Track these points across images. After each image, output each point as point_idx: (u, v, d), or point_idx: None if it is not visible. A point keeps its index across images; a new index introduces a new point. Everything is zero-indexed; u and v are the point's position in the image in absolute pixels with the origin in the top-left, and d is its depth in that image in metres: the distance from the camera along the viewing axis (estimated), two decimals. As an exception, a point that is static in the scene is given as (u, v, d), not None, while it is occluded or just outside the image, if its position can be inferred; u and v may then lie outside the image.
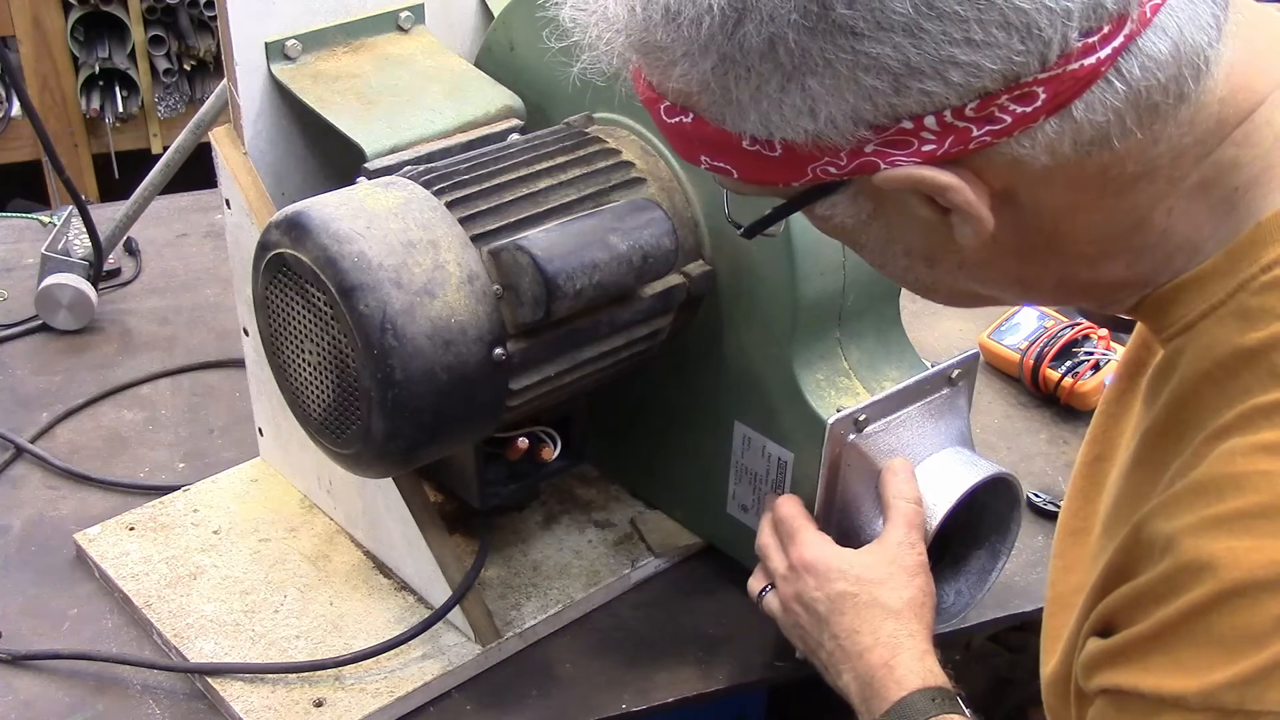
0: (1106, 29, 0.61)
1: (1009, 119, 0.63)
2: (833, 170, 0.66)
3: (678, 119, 0.69)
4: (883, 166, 0.65)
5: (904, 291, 1.15)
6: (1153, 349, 0.79)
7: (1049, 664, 0.82)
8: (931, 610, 1.04)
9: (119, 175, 3.10)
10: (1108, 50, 0.61)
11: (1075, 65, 0.61)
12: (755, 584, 1.12)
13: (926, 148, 0.64)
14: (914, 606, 1.02)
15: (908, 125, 0.63)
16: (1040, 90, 0.62)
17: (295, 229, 1.00)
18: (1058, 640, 0.80)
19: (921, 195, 0.67)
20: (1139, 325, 0.83)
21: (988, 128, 0.63)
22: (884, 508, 1.08)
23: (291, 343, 1.06)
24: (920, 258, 0.73)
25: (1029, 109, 0.62)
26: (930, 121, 0.63)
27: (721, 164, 0.69)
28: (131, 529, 1.29)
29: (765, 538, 1.11)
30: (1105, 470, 0.84)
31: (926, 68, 0.61)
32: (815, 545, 1.06)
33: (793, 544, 1.07)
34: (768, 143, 0.66)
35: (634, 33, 0.66)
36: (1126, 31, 0.62)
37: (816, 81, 0.62)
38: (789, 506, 1.09)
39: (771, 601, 1.10)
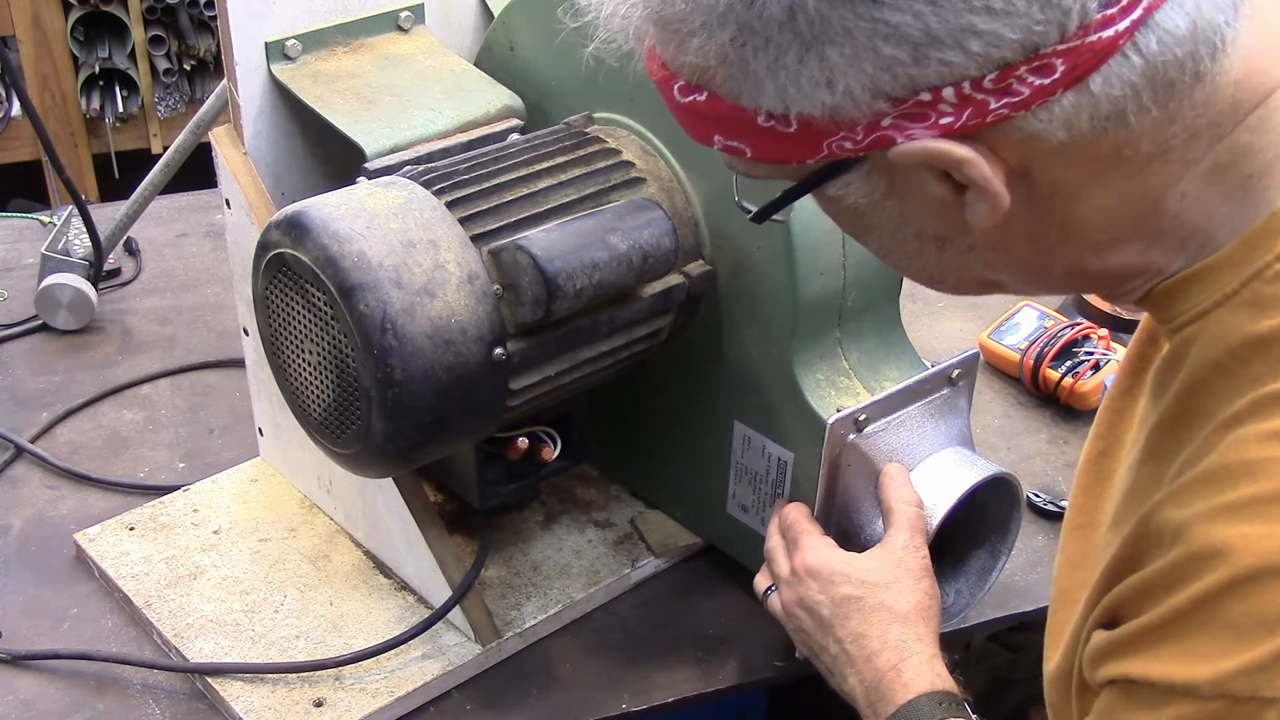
0: (1125, 1, 0.61)
1: (1027, 91, 0.62)
2: (849, 145, 0.66)
3: (691, 98, 0.68)
4: (899, 141, 0.65)
5: (904, 291, 1.16)
6: (1158, 343, 0.78)
7: (1052, 660, 0.82)
8: (937, 614, 1.04)
9: (119, 175, 3.09)
10: (1126, 23, 0.61)
11: (1094, 37, 0.61)
12: (761, 581, 1.12)
13: (944, 120, 0.63)
14: (921, 610, 1.02)
15: (926, 97, 0.63)
16: (1059, 62, 0.61)
17: (295, 229, 1.00)
18: (1061, 636, 0.80)
19: (936, 172, 0.66)
20: (1144, 320, 0.82)
21: (1006, 100, 0.62)
22: (885, 511, 1.08)
23: (291, 343, 1.06)
24: (931, 240, 0.72)
25: (1047, 81, 0.62)
26: (949, 93, 0.62)
27: (735, 143, 0.68)
28: (131, 529, 1.29)
29: (773, 541, 1.11)
30: (1110, 466, 0.84)
31: (946, 36, 0.60)
32: (818, 550, 1.06)
33: (796, 549, 1.07)
34: (784, 118, 0.65)
35: (652, 4, 0.65)
36: (1145, 5, 0.61)
37: (835, 51, 0.61)
38: (794, 512, 1.10)
39: (774, 603, 1.10)
